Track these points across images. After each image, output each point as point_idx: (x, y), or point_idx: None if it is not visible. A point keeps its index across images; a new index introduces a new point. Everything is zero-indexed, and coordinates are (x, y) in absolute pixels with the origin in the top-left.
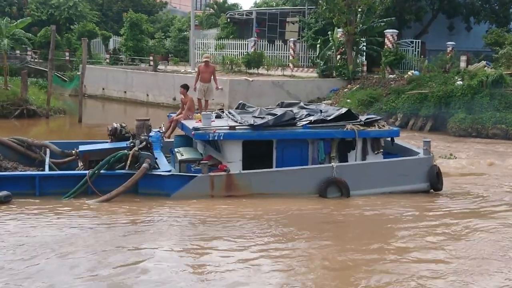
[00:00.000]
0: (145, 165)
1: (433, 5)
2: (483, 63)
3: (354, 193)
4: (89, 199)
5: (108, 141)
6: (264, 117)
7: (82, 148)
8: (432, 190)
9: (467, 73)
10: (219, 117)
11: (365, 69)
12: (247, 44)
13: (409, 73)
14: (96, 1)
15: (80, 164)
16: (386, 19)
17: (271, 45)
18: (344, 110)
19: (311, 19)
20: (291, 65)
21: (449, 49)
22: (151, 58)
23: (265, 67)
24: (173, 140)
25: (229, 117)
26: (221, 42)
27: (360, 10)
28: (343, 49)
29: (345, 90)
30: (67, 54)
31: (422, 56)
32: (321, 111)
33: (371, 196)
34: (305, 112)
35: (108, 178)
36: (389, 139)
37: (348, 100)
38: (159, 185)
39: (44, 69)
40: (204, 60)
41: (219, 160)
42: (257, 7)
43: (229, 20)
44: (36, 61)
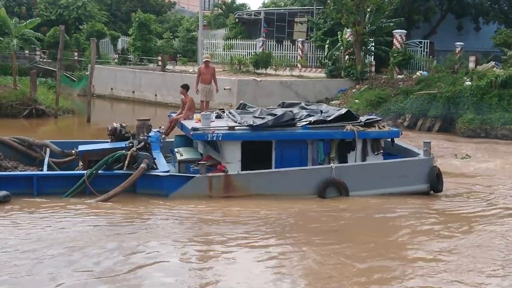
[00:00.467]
0: (143, 165)
1: (442, 6)
2: (492, 63)
3: (353, 194)
4: (87, 199)
5: (108, 141)
6: (264, 118)
7: (81, 148)
8: (432, 191)
9: (475, 74)
10: (219, 117)
11: (374, 69)
12: (255, 44)
13: (418, 73)
14: (104, 1)
15: (80, 164)
16: (394, 20)
17: (279, 45)
18: (344, 110)
19: (320, 19)
20: (299, 66)
21: (457, 50)
22: (159, 58)
23: (273, 67)
24: (174, 140)
25: (229, 118)
26: (229, 42)
27: (368, 10)
28: (352, 50)
29: (354, 90)
30: (76, 54)
31: (430, 56)
32: (322, 112)
33: (370, 196)
34: (305, 112)
35: (106, 178)
36: (389, 140)
37: (356, 100)
38: (157, 185)
39: (53, 69)
40: (204, 60)
41: (218, 160)
42: (266, 7)
43: (237, 20)
44: (45, 61)
